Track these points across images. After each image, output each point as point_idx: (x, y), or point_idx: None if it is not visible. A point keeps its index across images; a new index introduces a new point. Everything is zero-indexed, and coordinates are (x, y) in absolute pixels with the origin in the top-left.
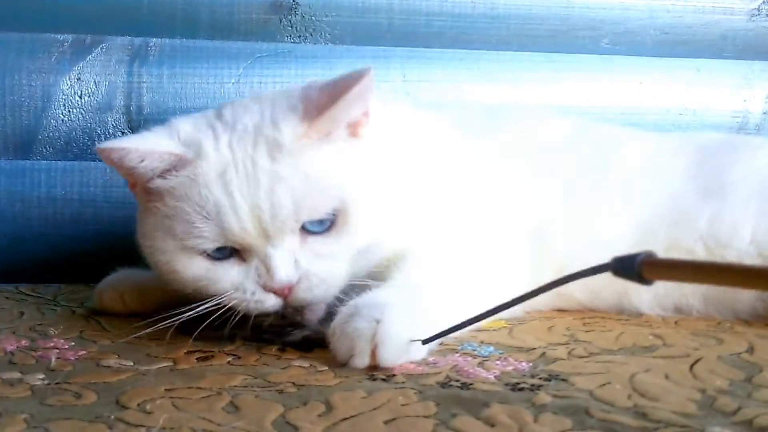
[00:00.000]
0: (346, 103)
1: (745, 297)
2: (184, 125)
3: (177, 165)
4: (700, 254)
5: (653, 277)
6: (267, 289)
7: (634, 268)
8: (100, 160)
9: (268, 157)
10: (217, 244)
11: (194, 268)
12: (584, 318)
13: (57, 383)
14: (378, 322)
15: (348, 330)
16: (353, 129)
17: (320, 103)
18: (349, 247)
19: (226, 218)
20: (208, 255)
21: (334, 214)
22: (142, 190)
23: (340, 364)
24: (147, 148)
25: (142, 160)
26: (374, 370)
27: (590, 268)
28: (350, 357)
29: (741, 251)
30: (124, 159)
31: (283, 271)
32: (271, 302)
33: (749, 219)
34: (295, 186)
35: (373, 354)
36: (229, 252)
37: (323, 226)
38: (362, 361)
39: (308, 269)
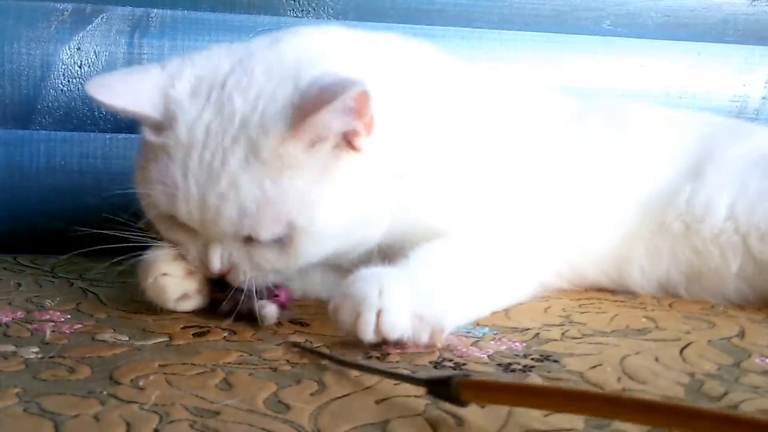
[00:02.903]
0: (330, 112)
1: (730, 280)
2: (185, 81)
3: (152, 126)
4: (677, 232)
5: (471, 399)
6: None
7: (450, 389)
8: (99, 131)
9: (242, 160)
10: (168, 213)
11: (166, 227)
12: (580, 299)
13: (51, 357)
14: (381, 290)
15: (352, 293)
16: (349, 141)
17: (307, 107)
18: (289, 264)
19: (177, 201)
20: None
21: (280, 237)
22: None
23: (346, 334)
24: (121, 106)
25: (124, 111)
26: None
27: (406, 377)
28: (354, 323)
29: (716, 227)
30: (103, 106)
31: (218, 264)
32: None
33: (727, 196)
34: (247, 205)
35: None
36: None
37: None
38: (368, 326)
39: (240, 265)
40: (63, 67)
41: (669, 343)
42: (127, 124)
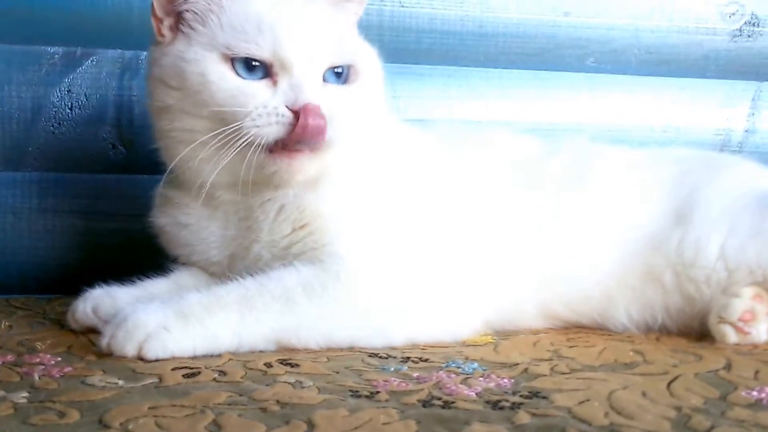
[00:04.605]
0: None
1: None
2: None
3: None
4: (668, 282)
5: None
6: (291, 106)
7: None
8: (91, 173)
9: None
10: (263, 54)
11: (227, 81)
12: (569, 334)
13: (41, 401)
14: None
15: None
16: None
17: None
18: (362, 99)
19: (281, 31)
20: (240, 74)
21: (348, 66)
22: (175, 17)
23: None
24: None
25: None
26: None
27: None
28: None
29: (708, 269)
30: None
31: (312, 92)
32: (290, 122)
33: (717, 236)
34: (331, 28)
35: None
36: (261, 74)
37: (340, 78)
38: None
39: (334, 112)
40: (54, 109)
41: (656, 377)
42: (118, 166)
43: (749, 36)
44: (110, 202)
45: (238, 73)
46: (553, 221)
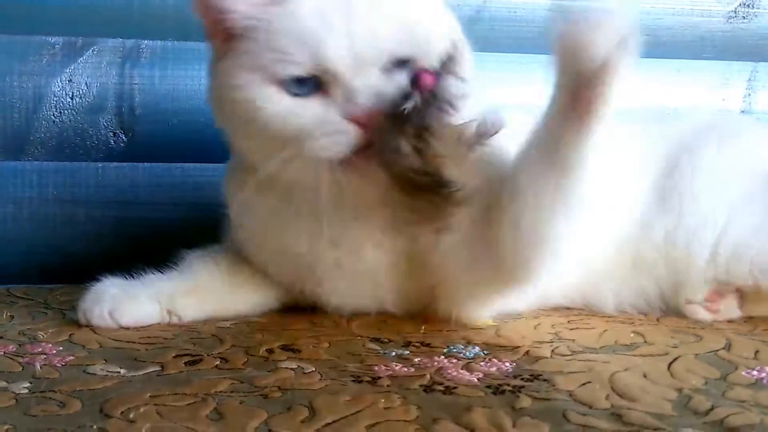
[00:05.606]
0: None
1: None
2: None
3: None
4: (662, 274)
5: None
6: (349, 118)
7: None
8: (91, 161)
9: None
10: (306, 70)
11: (278, 103)
12: (569, 316)
13: (42, 392)
14: None
15: None
16: None
17: None
18: None
19: (321, 41)
20: (291, 92)
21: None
22: (224, 34)
23: None
24: None
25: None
26: None
27: None
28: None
29: (700, 267)
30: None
31: (366, 97)
32: (353, 135)
33: (709, 236)
34: (395, 16)
35: None
36: (312, 87)
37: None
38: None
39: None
40: (55, 99)
41: (657, 358)
42: (119, 154)
43: (744, 17)
44: (111, 191)
45: (289, 91)
46: None
